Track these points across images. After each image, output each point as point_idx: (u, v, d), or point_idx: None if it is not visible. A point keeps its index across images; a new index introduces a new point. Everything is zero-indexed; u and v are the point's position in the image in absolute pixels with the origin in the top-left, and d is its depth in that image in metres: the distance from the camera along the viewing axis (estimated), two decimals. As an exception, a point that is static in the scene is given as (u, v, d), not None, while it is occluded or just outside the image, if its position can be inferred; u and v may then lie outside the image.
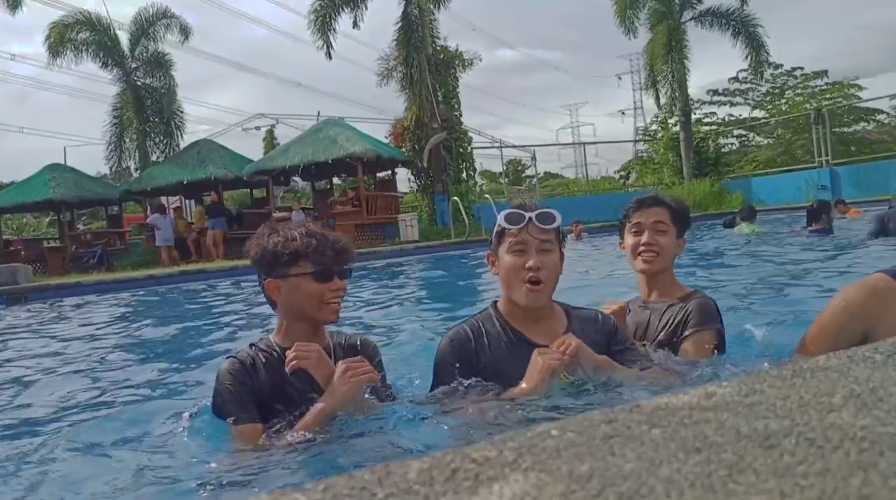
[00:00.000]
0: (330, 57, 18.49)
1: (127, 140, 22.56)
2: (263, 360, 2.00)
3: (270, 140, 27.33)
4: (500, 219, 2.04)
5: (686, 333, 2.24)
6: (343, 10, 18.46)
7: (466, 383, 1.96)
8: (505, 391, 1.91)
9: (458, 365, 1.99)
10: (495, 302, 2.14)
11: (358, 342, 2.19)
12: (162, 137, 22.43)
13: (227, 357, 2.03)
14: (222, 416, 1.94)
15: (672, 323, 2.29)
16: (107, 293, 10.04)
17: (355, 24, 18.53)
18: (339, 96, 63.00)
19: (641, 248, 2.37)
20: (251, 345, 2.07)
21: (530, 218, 1.99)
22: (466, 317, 2.18)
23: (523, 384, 1.87)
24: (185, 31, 22.03)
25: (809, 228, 8.12)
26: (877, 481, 0.44)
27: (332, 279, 2.01)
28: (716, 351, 2.24)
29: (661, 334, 2.30)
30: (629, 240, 2.43)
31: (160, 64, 22.21)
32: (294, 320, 2.05)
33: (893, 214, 7.09)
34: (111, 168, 22.77)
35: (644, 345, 2.30)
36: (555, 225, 2.01)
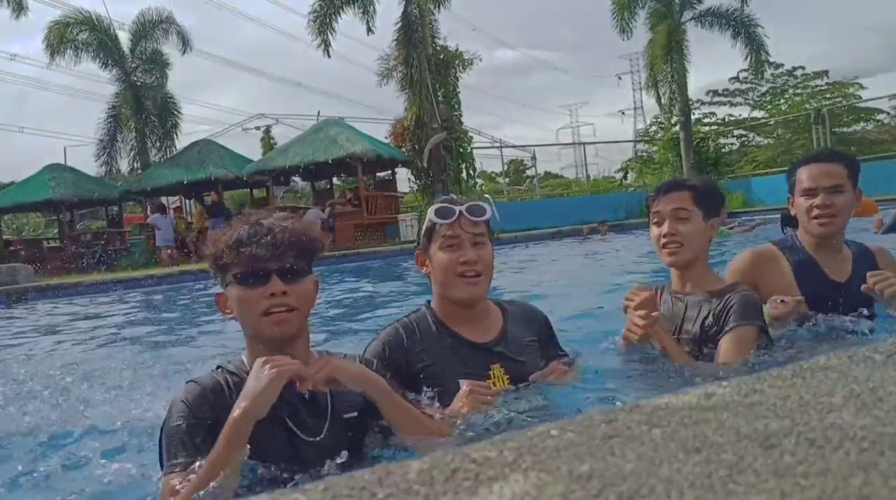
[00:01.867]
0: (328, 55, 18.47)
1: (119, 140, 22.54)
2: (232, 385, 1.56)
3: (268, 140, 27.32)
4: (430, 214, 1.95)
5: (727, 327, 2.10)
6: (343, 10, 18.45)
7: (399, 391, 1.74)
8: (438, 401, 1.81)
9: (388, 375, 1.74)
10: (429, 302, 2.05)
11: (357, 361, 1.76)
12: (159, 136, 22.44)
13: (188, 382, 1.61)
14: (161, 458, 1.54)
15: (711, 316, 2.14)
16: (107, 293, 10.04)
17: (369, 30, 18.46)
18: (339, 96, 63.06)
19: (663, 239, 2.21)
20: (218, 367, 1.66)
21: (461, 211, 1.91)
22: (398, 316, 2.06)
23: (450, 409, 1.76)
24: (183, 39, 22.03)
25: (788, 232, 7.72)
26: (877, 481, 0.44)
27: (266, 282, 1.55)
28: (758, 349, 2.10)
29: (697, 327, 2.17)
30: (652, 231, 2.27)
31: (159, 63, 22.21)
32: (250, 339, 1.63)
33: None
34: (103, 167, 22.66)
35: (679, 340, 2.18)
36: (485, 218, 1.94)
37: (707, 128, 28.75)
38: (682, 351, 2.14)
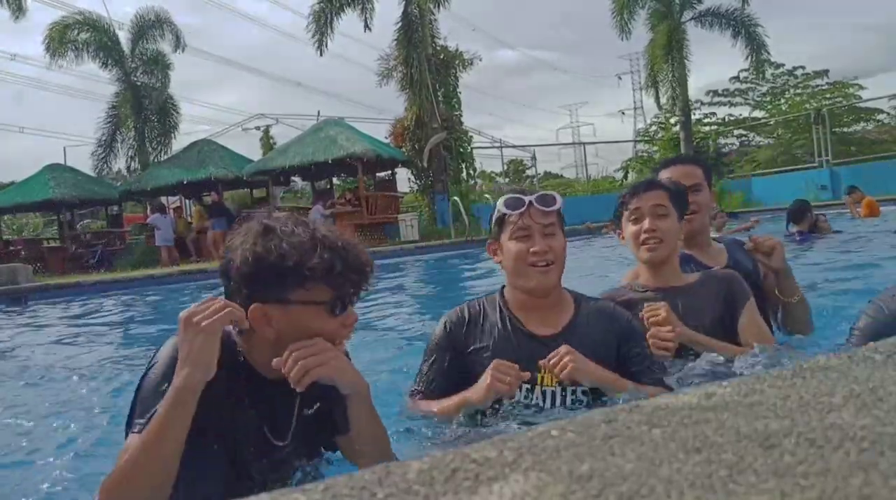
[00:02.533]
0: (321, 53, 18.44)
1: (119, 140, 22.56)
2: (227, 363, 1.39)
3: (267, 140, 27.31)
4: (500, 205, 1.96)
5: (741, 309, 2.16)
6: (344, 10, 18.45)
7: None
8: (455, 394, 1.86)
9: (448, 355, 1.94)
10: (503, 288, 2.04)
11: None
12: (157, 136, 22.45)
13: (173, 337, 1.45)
14: (131, 414, 1.38)
15: (716, 299, 2.18)
16: (107, 293, 10.04)
17: (366, 27, 18.49)
18: (339, 96, 63.07)
19: (644, 235, 2.22)
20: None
21: (530, 202, 1.91)
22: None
23: (469, 394, 1.81)
24: (179, 40, 22.05)
25: (792, 229, 7.43)
26: (877, 481, 0.44)
27: (347, 310, 1.45)
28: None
29: (707, 315, 2.17)
30: (629, 229, 2.27)
31: (159, 63, 22.22)
32: (272, 353, 1.41)
33: None
34: (99, 166, 22.65)
35: (697, 328, 2.14)
36: (556, 207, 1.92)
37: (707, 128, 28.75)
38: (715, 341, 2.12)
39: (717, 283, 2.22)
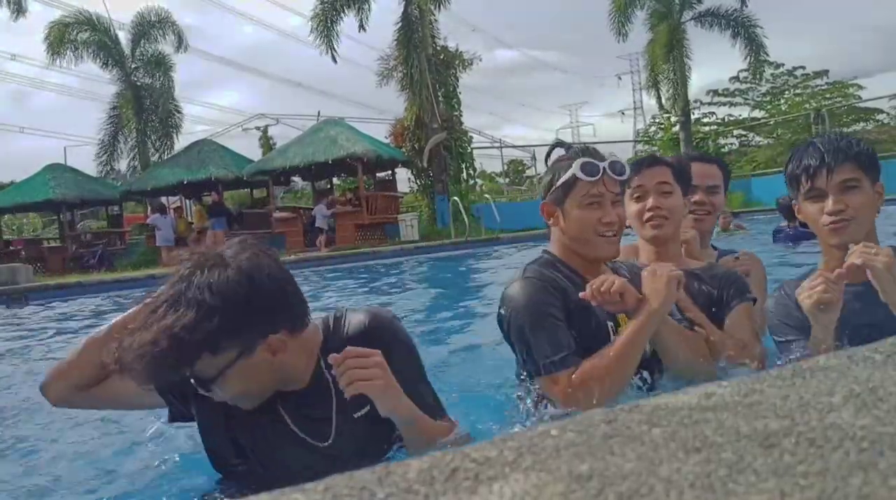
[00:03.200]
0: (335, 61, 18.48)
1: (121, 140, 22.58)
2: None
3: (266, 140, 27.30)
4: (576, 168, 1.80)
5: (733, 302, 2.03)
6: (345, 12, 18.46)
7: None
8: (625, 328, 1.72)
9: (554, 311, 1.73)
10: (547, 251, 1.93)
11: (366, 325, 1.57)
12: (159, 136, 22.46)
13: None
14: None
15: (710, 290, 2.07)
16: (107, 293, 10.04)
17: (361, 28, 18.51)
18: (339, 96, 62.98)
19: (648, 214, 2.12)
20: None
21: (604, 169, 1.79)
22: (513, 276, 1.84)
23: (651, 304, 1.68)
24: (179, 38, 22.06)
25: (788, 226, 7.19)
26: (877, 480, 0.44)
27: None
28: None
29: (697, 301, 2.07)
30: (632, 207, 2.16)
31: (160, 64, 22.23)
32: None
33: None
34: (103, 167, 22.69)
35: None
36: (626, 176, 1.86)
37: (707, 128, 28.75)
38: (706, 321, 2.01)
39: (720, 276, 2.12)
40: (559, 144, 1.95)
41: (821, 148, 1.75)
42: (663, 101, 22.71)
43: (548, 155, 1.94)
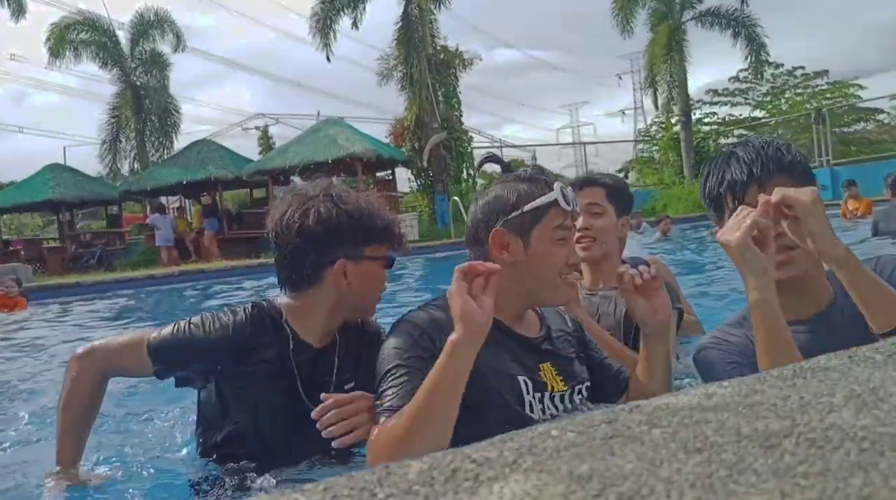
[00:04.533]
0: (329, 59, 18.53)
1: (123, 140, 22.59)
2: (267, 334, 1.61)
3: (266, 140, 27.26)
4: (557, 192, 1.52)
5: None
6: (344, 11, 18.48)
7: None
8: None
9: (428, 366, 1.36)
10: None
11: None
12: (158, 136, 22.47)
13: (215, 314, 1.66)
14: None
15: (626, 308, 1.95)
16: (106, 293, 10.04)
17: (354, 25, 18.55)
18: (339, 96, 62.95)
19: (577, 234, 2.06)
20: (252, 305, 1.67)
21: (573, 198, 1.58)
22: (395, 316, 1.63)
23: (459, 333, 1.28)
24: (179, 40, 22.06)
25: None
26: (877, 481, 0.44)
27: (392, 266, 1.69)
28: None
29: (613, 321, 2.08)
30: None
31: (158, 63, 22.23)
32: (336, 311, 1.64)
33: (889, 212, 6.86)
34: (108, 168, 22.75)
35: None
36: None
37: (707, 128, 28.75)
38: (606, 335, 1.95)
39: None
40: (491, 158, 1.86)
41: (746, 159, 1.41)
42: (662, 101, 22.69)
43: (479, 166, 1.85)
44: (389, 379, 1.40)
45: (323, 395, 1.46)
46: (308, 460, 1.60)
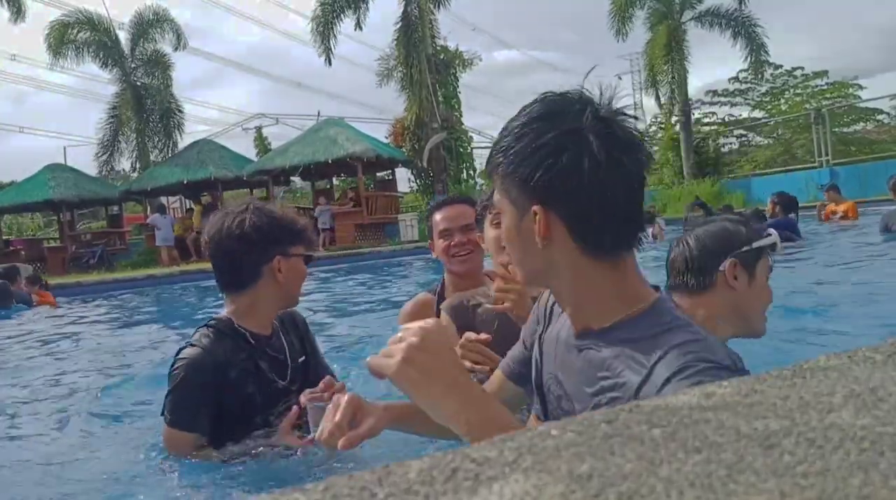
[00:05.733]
0: (330, 63, 18.55)
1: (122, 140, 22.58)
2: (231, 344, 1.89)
3: (261, 140, 27.19)
4: (775, 236, 1.72)
5: None
6: (345, 13, 18.48)
7: None
8: None
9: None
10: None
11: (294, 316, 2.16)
12: (160, 137, 22.46)
13: (189, 346, 1.90)
14: (164, 410, 1.85)
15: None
16: (107, 293, 10.04)
17: (358, 26, 18.55)
18: (339, 96, 62.88)
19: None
20: (207, 326, 1.95)
21: None
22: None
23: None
24: (180, 39, 22.06)
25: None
26: (877, 481, 0.44)
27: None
28: None
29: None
30: (489, 233, 2.08)
31: (159, 63, 22.23)
32: (274, 302, 1.98)
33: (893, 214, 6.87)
34: (105, 170, 22.74)
35: None
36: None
37: (707, 128, 28.75)
38: None
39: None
40: (699, 204, 1.84)
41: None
42: (662, 101, 22.70)
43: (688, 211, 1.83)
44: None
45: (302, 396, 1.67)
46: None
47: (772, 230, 1.71)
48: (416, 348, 0.95)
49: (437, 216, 2.46)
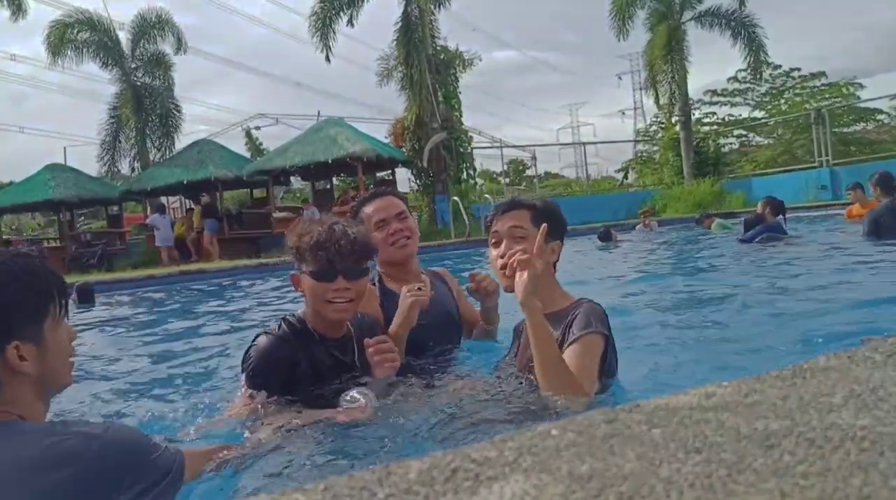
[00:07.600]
0: (329, 60, 18.54)
1: (122, 140, 22.58)
2: (293, 335, 2.09)
3: (253, 142, 27.09)
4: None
5: (570, 338, 1.92)
6: (344, 10, 18.47)
7: None
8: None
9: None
10: None
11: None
12: (159, 136, 22.46)
13: (263, 333, 2.11)
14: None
15: (558, 333, 1.96)
16: (106, 293, 10.03)
17: (350, 23, 18.54)
18: (339, 96, 62.90)
19: (500, 261, 2.06)
20: (284, 319, 2.16)
21: None
22: None
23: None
24: (179, 40, 22.04)
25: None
26: (877, 481, 0.44)
27: (335, 279, 2.02)
28: (603, 361, 1.93)
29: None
30: (490, 253, 2.13)
31: (160, 64, 22.23)
32: (313, 312, 2.12)
33: (885, 211, 6.85)
34: (107, 167, 22.75)
35: (530, 366, 1.94)
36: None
37: (707, 128, 28.73)
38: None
39: (568, 314, 2.03)
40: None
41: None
42: (662, 101, 22.68)
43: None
44: None
45: (366, 340, 2.09)
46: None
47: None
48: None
49: (369, 209, 2.60)
